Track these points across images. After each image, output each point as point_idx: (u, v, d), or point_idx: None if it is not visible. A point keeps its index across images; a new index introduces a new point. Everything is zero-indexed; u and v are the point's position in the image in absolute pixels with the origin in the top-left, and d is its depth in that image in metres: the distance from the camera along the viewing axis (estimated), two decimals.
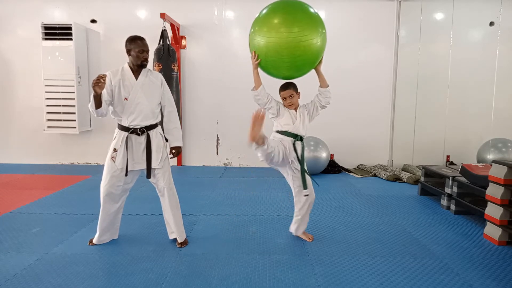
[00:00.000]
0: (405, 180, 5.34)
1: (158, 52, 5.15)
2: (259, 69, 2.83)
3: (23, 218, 3.56)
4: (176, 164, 6.39)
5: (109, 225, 2.95)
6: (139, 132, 2.79)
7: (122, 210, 3.02)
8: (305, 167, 2.94)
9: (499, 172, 3.01)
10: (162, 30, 5.25)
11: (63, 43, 5.71)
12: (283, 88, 2.88)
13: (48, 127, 5.94)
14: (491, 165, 3.16)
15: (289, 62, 2.65)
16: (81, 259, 2.70)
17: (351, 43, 6.24)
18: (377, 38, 6.26)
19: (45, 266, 2.57)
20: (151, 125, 2.84)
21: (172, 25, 5.76)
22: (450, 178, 3.93)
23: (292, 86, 2.88)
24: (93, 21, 6.17)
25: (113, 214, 2.93)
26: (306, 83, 3.20)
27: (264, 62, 2.73)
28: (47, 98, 5.85)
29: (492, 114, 5.83)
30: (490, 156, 5.55)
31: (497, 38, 5.91)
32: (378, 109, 6.36)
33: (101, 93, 2.59)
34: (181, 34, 6.14)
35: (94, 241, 2.94)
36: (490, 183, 3.13)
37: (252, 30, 2.76)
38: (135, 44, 2.76)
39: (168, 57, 5.18)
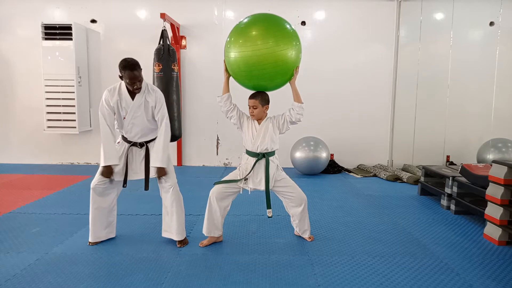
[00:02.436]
0: (405, 180, 5.34)
1: (158, 52, 5.15)
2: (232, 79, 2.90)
3: (23, 218, 3.56)
4: (176, 164, 6.39)
5: (102, 220, 2.95)
6: (139, 146, 2.89)
7: (116, 207, 3.03)
8: (280, 188, 2.95)
9: (499, 172, 3.01)
10: (162, 30, 5.23)
11: (63, 43, 5.71)
12: (251, 96, 2.85)
13: (48, 127, 5.93)
14: (491, 165, 3.16)
15: (259, 71, 2.67)
16: (81, 259, 2.70)
17: (351, 43, 6.24)
18: (377, 38, 6.26)
19: (45, 266, 2.57)
20: (151, 139, 2.90)
21: (172, 25, 5.75)
22: (450, 178, 3.93)
23: (260, 97, 2.82)
24: (93, 21, 6.17)
25: (106, 210, 2.94)
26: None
27: (238, 72, 2.77)
28: (47, 98, 5.85)
29: (492, 114, 5.83)
30: (490, 156, 5.55)
31: (497, 38, 5.90)
32: (378, 109, 6.36)
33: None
34: (181, 34, 6.14)
35: (90, 239, 2.94)
36: (490, 183, 3.13)
37: (228, 40, 2.79)
38: (126, 73, 2.68)
39: (168, 57, 5.16)
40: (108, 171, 2.80)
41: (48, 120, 5.91)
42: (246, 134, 2.90)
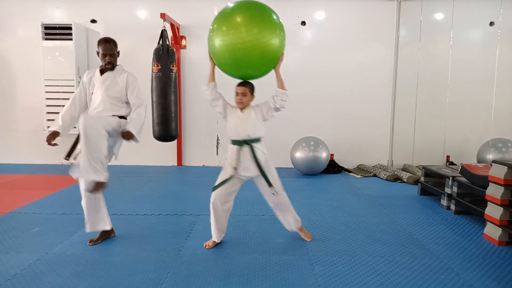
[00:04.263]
0: (405, 180, 5.34)
1: (157, 52, 5.15)
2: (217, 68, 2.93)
3: (23, 218, 3.56)
4: (176, 164, 6.39)
5: (92, 211, 2.93)
6: None
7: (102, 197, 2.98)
8: (267, 171, 2.88)
9: (499, 172, 3.01)
10: (162, 30, 5.24)
11: (63, 43, 5.71)
12: (241, 84, 2.87)
13: (48, 127, 5.90)
14: (491, 165, 3.16)
15: (246, 62, 2.67)
16: (81, 259, 2.70)
17: (351, 43, 6.24)
18: (377, 38, 6.26)
19: (45, 266, 2.57)
20: (109, 116, 2.89)
21: (172, 25, 5.76)
22: (450, 178, 3.93)
23: (249, 86, 2.87)
24: (93, 21, 6.17)
25: (92, 197, 2.90)
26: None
27: (224, 62, 2.77)
28: (47, 98, 5.85)
29: (492, 114, 5.83)
30: (490, 156, 5.55)
31: (497, 38, 5.91)
32: (378, 109, 6.36)
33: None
34: (181, 34, 6.14)
35: (86, 229, 2.95)
36: (490, 183, 3.13)
37: (211, 28, 2.78)
38: (100, 46, 2.87)
39: (167, 57, 5.16)
40: (49, 135, 2.91)
41: (48, 120, 5.90)
42: (230, 123, 2.91)
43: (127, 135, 2.84)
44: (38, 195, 4.32)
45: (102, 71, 2.94)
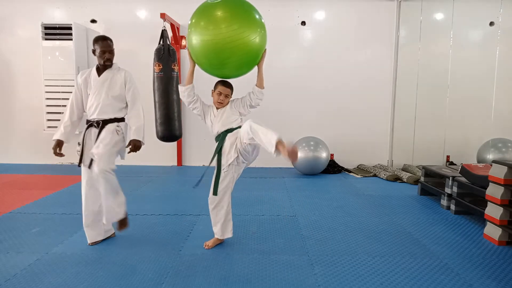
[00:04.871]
0: (405, 180, 5.34)
1: (158, 52, 5.15)
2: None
3: (23, 218, 3.56)
4: (176, 164, 6.39)
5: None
6: (96, 125, 2.89)
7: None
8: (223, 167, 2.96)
9: (499, 172, 3.01)
10: (162, 30, 5.24)
11: (63, 43, 5.72)
12: (225, 85, 2.85)
13: (48, 127, 5.93)
14: (491, 165, 3.16)
15: (228, 60, 2.63)
16: (81, 259, 2.70)
17: (351, 43, 6.24)
18: (377, 38, 6.26)
19: (45, 266, 2.58)
20: (109, 119, 2.89)
21: (172, 25, 5.76)
22: (450, 178, 3.93)
23: (232, 87, 2.88)
24: (93, 21, 6.17)
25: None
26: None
27: (205, 59, 2.72)
28: (47, 98, 5.85)
29: (492, 114, 5.83)
30: (490, 156, 5.55)
31: (497, 38, 5.91)
32: (378, 109, 6.36)
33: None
34: (181, 34, 6.14)
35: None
36: (490, 183, 3.13)
37: (189, 23, 2.73)
38: (98, 44, 2.88)
39: (169, 57, 5.16)
40: (54, 145, 2.88)
41: (48, 120, 5.91)
42: (209, 123, 2.93)
43: (136, 148, 2.89)
44: (38, 195, 4.32)
45: (98, 70, 2.92)
